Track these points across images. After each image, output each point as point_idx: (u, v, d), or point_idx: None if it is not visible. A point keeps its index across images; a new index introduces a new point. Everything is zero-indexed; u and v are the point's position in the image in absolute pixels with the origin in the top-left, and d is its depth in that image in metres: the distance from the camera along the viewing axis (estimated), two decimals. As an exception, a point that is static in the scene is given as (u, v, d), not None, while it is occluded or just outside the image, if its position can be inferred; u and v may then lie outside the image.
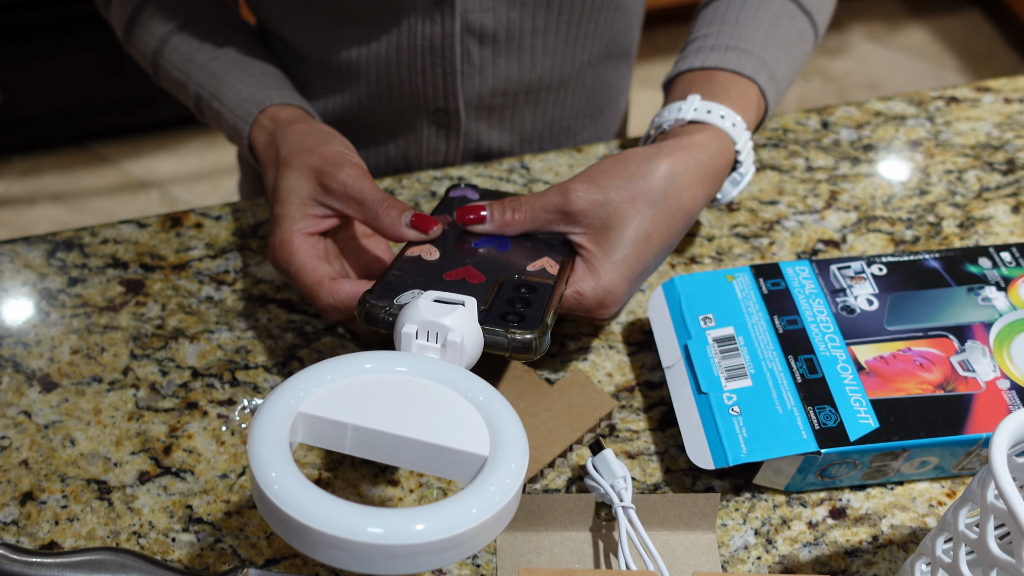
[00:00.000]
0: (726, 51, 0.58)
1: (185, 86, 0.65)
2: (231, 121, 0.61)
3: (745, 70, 0.57)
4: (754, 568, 0.48)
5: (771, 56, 0.59)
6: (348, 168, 0.51)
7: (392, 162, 0.75)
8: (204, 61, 0.64)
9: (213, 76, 0.63)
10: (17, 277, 0.62)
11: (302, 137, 0.55)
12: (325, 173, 0.51)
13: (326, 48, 0.68)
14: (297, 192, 0.52)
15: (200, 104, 0.65)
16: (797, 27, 0.62)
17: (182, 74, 0.65)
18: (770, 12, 0.61)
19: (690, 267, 0.62)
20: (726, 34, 0.60)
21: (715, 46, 0.59)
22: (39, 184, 1.87)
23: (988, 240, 0.64)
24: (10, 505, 0.51)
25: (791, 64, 0.61)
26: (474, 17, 0.64)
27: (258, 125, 0.60)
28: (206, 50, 0.64)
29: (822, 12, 0.64)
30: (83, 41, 1.74)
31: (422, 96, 0.69)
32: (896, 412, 0.49)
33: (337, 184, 0.51)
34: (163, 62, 0.66)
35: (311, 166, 0.52)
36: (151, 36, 0.66)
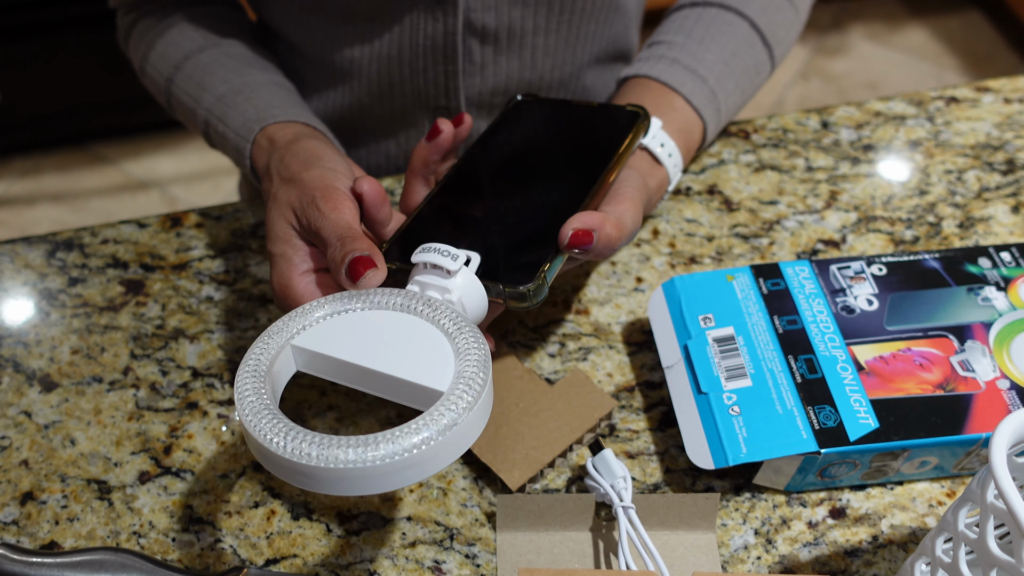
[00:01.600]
0: (685, 71, 0.61)
1: (194, 112, 0.63)
2: (234, 142, 0.60)
3: (695, 100, 0.60)
4: (754, 568, 0.48)
5: (723, 90, 0.62)
6: (319, 201, 0.48)
7: (393, 160, 0.75)
8: (214, 85, 0.62)
9: (221, 99, 0.62)
10: (17, 277, 0.62)
11: (288, 165, 0.53)
12: (299, 209, 0.50)
13: (327, 46, 0.68)
14: (279, 225, 0.50)
15: (208, 130, 0.63)
16: (755, 57, 0.64)
17: (192, 100, 0.63)
18: (733, 40, 0.63)
19: (690, 267, 0.62)
20: (690, 51, 0.62)
21: (677, 60, 0.62)
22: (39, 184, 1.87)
23: (988, 240, 0.64)
24: (10, 505, 0.51)
25: (739, 98, 0.64)
26: (476, 16, 0.64)
27: (257, 147, 0.58)
28: (218, 76, 0.63)
29: (783, 44, 0.67)
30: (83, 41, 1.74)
31: (423, 94, 0.69)
32: (896, 412, 0.49)
33: (305, 221, 0.49)
34: (175, 90, 0.65)
35: (290, 200, 0.51)
36: (165, 64, 0.65)
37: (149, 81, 0.67)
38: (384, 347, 0.42)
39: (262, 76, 0.64)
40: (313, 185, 0.50)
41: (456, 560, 0.49)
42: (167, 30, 0.66)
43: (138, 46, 0.67)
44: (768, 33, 0.65)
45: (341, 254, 0.46)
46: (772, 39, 0.65)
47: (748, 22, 0.64)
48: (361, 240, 0.46)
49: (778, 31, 0.65)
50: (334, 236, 0.47)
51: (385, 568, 0.48)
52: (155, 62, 0.66)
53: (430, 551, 0.49)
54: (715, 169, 0.69)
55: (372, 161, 0.76)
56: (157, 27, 0.66)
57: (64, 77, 1.79)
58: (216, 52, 0.65)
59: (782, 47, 0.66)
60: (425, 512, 0.50)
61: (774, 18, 0.65)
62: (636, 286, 0.61)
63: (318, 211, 0.48)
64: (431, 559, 0.49)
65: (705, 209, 0.66)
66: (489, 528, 0.50)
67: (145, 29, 0.67)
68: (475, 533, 0.50)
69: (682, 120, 0.60)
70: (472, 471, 0.52)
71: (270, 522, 0.50)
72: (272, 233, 0.51)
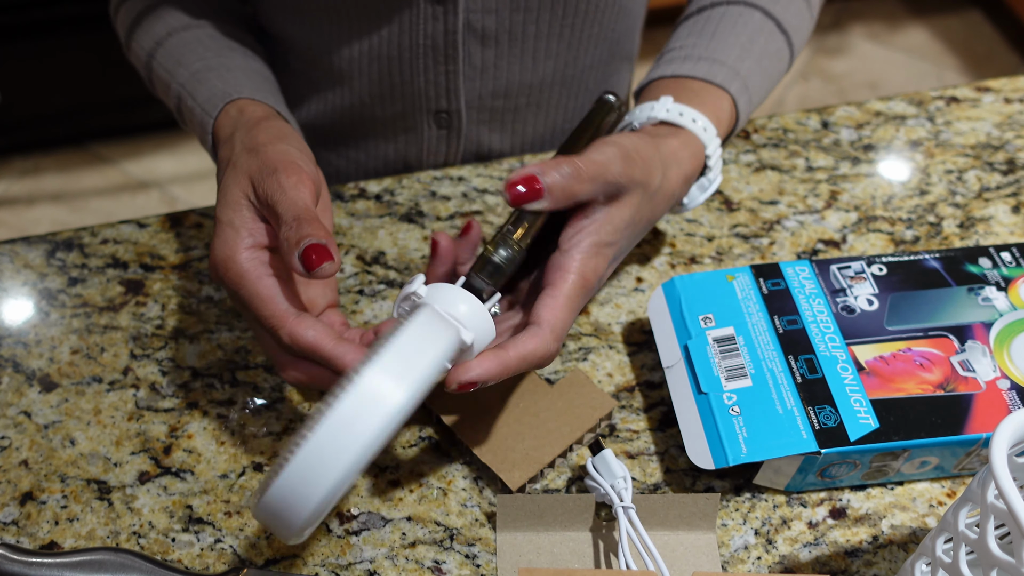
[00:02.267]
0: (699, 61, 0.58)
1: (169, 87, 0.62)
2: (199, 115, 0.57)
3: (717, 79, 0.57)
4: (754, 568, 0.48)
5: (745, 68, 0.59)
6: (280, 174, 0.46)
7: (392, 165, 0.75)
8: (190, 62, 0.61)
9: (194, 75, 0.60)
10: (17, 277, 0.62)
11: (255, 135, 0.51)
12: (257, 179, 0.47)
13: (327, 46, 0.67)
14: (232, 191, 0.47)
15: (180, 105, 0.61)
16: (774, 45, 0.62)
17: (168, 75, 0.62)
18: (747, 28, 0.61)
19: (690, 267, 0.62)
20: (701, 46, 0.59)
21: (688, 56, 0.59)
22: (39, 184, 1.87)
23: (988, 240, 0.64)
24: (10, 505, 0.51)
25: (764, 79, 0.61)
26: (476, 18, 0.64)
27: (224, 114, 0.55)
28: (196, 53, 0.62)
29: (799, 33, 0.64)
30: (83, 41, 1.74)
31: (423, 95, 0.69)
32: (896, 412, 0.49)
33: (261, 192, 0.46)
34: (155, 64, 0.64)
35: (249, 168, 0.48)
36: (149, 39, 0.64)
37: (133, 56, 0.67)
38: None
39: (241, 60, 0.62)
40: (276, 158, 0.47)
41: (456, 560, 0.49)
42: (157, 5, 0.65)
43: (125, 19, 0.67)
44: (783, 20, 0.62)
45: (296, 236, 0.43)
46: (788, 26, 0.63)
47: (760, 11, 0.62)
48: (317, 225, 0.44)
49: (792, 19, 0.63)
50: (290, 214, 0.44)
51: (385, 568, 0.48)
52: (139, 36, 0.65)
53: (430, 551, 0.49)
54: (715, 169, 0.69)
55: (370, 165, 0.76)
56: (146, 2, 0.66)
57: (64, 77, 1.79)
58: (199, 32, 0.64)
59: (799, 35, 0.64)
60: (425, 512, 0.50)
61: (788, 8, 0.63)
62: (636, 286, 0.61)
63: (277, 184, 0.46)
64: (431, 559, 0.49)
65: (705, 209, 0.66)
66: (489, 528, 0.50)
67: (133, 5, 0.66)
68: (475, 533, 0.50)
69: (703, 96, 0.56)
70: (472, 471, 0.52)
71: (270, 522, 0.50)
72: (224, 199, 0.48)
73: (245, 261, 0.46)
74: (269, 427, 0.54)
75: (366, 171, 0.76)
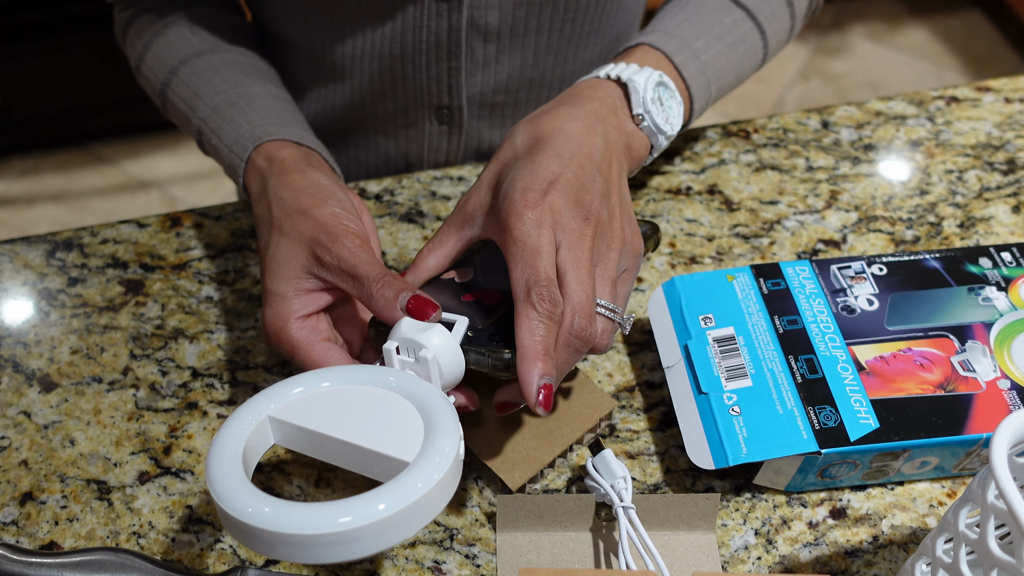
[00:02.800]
0: (649, 34, 0.59)
1: (189, 119, 0.63)
2: (227, 158, 0.59)
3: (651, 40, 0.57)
4: (754, 568, 0.48)
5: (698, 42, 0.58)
6: (344, 239, 0.47)
7: (393, 162, 0.75)
8: (209, 95, 0.61)
9: (216, 111, 0.60)
10: (17, 277, 0.62)
11: (295, 195, 0.51)
12: (319, 244, 0.47)
13: (328, 43, 0.67)
14: (289, 264, 0.48)
15: (202, 139, 0.62)
16: (741, 32, 0.61)
17: (187, 107, 0.62)
18: (715, 12, 0.61)
19: (690, 267, 0.62)
20: (660, 27, 0.60)
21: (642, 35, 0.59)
22: (39, 184, 1.87)
23: (988, 240, 0.64)
24: (10, 505, 0.51)
25: (725, 53, 0.60)
26: (480, 14, 0.64)
27: (252, 165, 0.57)
28: (213, 84, 0.62)
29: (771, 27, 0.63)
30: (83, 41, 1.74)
31: (425, 92, 0.69)
32: (896, 412, 0.49)
33: (331, 258, 0.47)
34: (170, 94, 0.64)
35: (304, 234, 0.48)
36: (162, 67, 0.64)
37: (144, 80, 0.67)
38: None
39: (259, 87, 0.62)
40: (333, 223, 0.48)
41: (456, 560, 0.49)
42: (164, 31, 0.65)
43: (135, 44, 0.67)
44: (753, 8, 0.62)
45: (394, 292, 0.45)
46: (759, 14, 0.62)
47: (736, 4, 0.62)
48: (404, 281, 0.46)
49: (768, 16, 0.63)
50: (377, 272, 0.46)
51: (385, 568, 0.48)
52: (151, 63, 0.65)
53: (430, 551, 0.49)
54: (715, 169, 0.69)
55: (371, 163, 0.76)
56: (154, 26, 0.66)
57: (64, 77, 1.79)
58: (212, 58, 0.64)
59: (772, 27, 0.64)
60: (425, 512, 0.50)
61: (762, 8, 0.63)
62: (636, 286, 0.61)
63: (346, 248, 0.47)
64: (431, 559, 0.49)
65: (705, 209, 0.66)
66: (489, 528, 0.50)
67: (142, 27, 0.67)
68: (475, 533, 0.50)
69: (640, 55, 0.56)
70: (472, 471, 0.52)
71: (270, 522, 0.50)
72: (276, 268, 0.49)
73: (296, 331, 0.48)
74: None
75: (367, 168, 0.76)
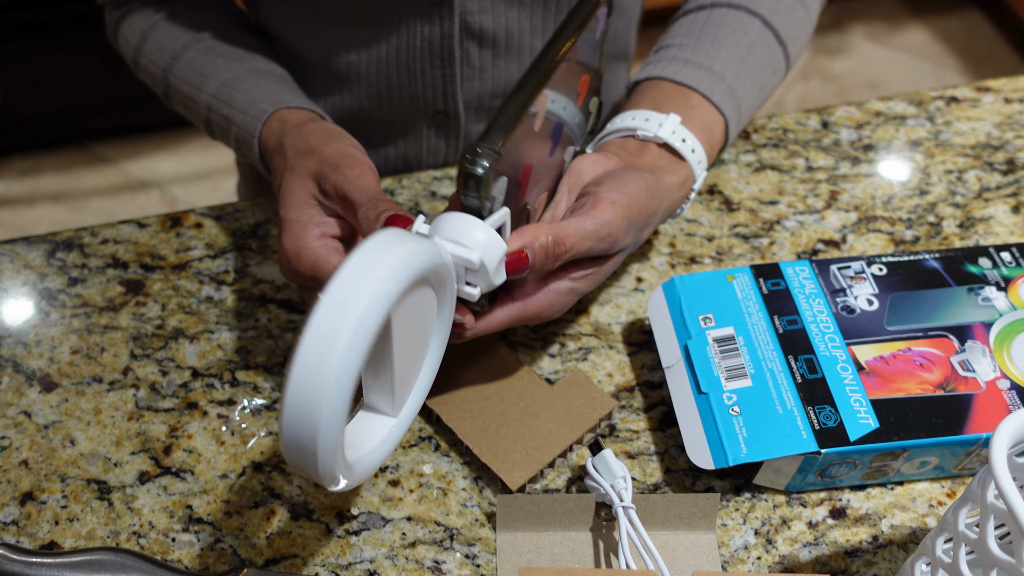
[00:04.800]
0: (699, 69, 0.59)
1: (195, 100, 0.63)
2: (241, 123, 0.59)
3: (714, 96, 0.58)
4: (754, 568, 0.48)
5: (741, 86, 0.59)
6: (344, 168, 0.49)
7: (392, 163, 0.75)
8: (217, 72, 0.62)
9: (226, 84, 0.61)
10: (17, 277, 0.62)
11: (306, 138, 0.53)
12: (322, 176, 0.49)
13: (325, 50, 0.67)
14: (298, 193, 0.50)
15: (210, 116, 0.62)
16: (771, 56, 0.62)
17: (193, 88, 0.63)
18: (747, 38, 0.61)
19: (690, 267, 0.62)
20: (702, 51, 0.59)
21: (689, 61, 0.59)
22: (39, 184, 1.87)
23: (988, 240, 0.64)
24: (10, 505, 0.51)
25: (757, 97, 0.61)
26: (473, 19, 0.64)
27: (268, 127, 0.58)
28: (220, 64, 0.62)
29: (796, 44, 0.64)
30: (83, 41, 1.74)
31: (421, 98, 0.69)
32: (896, 412, 0.49)
33: (330, 186, 0.49)
34: (173, 79, 0.64)
35: (310, 168, 0.51)
36: (163, 54, 0.65)
37: (144, 73, 0.67)
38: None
39: (266, 66, 0.64)
40: (335, 155, 0.50)
41: (456, 560, 0.49)
42: (161, 22, 0.66)
43: (130, 39, 0.67)
44: (782, 31, 0.62)
45: (375, 212, 0.46)
46: (786, 37, 0.63)
47: (760, 20, 0.62)
48: (392, 203, 0.47)
49: (791, 30, 0.63)
50: (364, 196, 0.47)
51: (385, 568, 0.48)
52: (150, 53, 0.65)
53: (430, 551, 0.49)
54: (715, 169, 0.69)
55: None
56: (150, 19, 0.66)
57: (64, 77, 1.79)
58: (215, 41, 0.64)
59: (796, 46, 0.64)
60: (425, 512, 0.50)
61: (787, 17, 0.63)
62: (636, 286, 0.61)
63: (343, 176, 0.48)
64: (431, 559, 0.49)
65: (705, 209, 0.66)
66: (489, 528, 0.50)
67: (135, 22, 0.67)
68: (475, 533, 0.50)
69: (702, 117, 0.57)
70: (472, 471, 0.52)
71: (270, 522, 0.50)
72: (287, 200, 0.50)
73: (316, 247, 0.48)
74: (269, 427, 0.54)
75: None
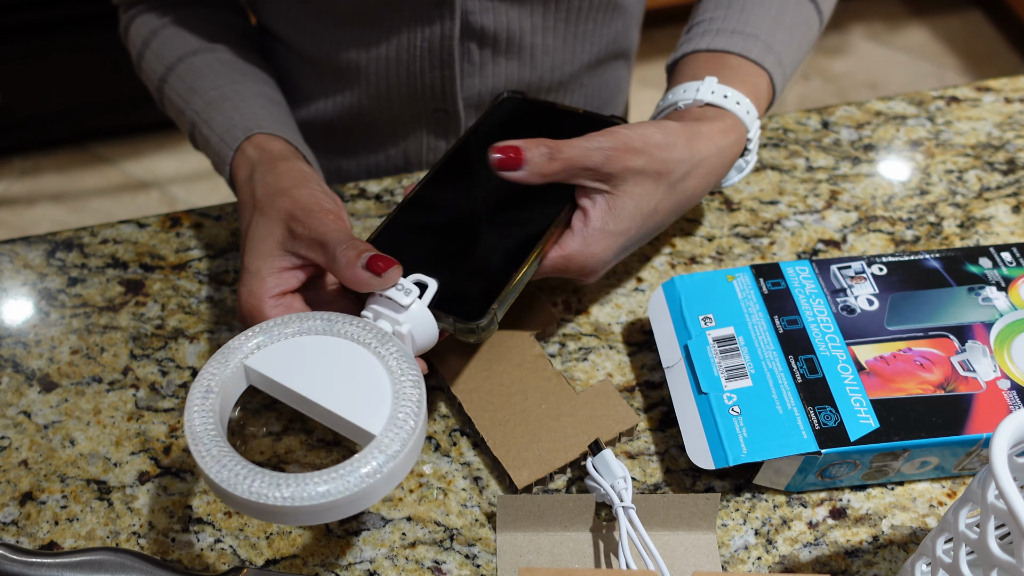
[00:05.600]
0: (732, 35, 0.58)
1: (183, 113, 0.63)
2: (216, 146, 0.59)
3: (752, 54, 0.57)
4: (754, 568, 0.48)
5: (778, 42, 0.58)
6: (318, 213, 0.48)
7: (392, 161, 0.75)
8: (205, 90, 0.62)
9: (209, 104, 0.61)
10: (17, 277, 0.62)
11: (277, 179, 0.52)
12: (294, 219, 0.49)
13: (326, 49, 0.67)
14: (266, 241, 0.49)
15: (194, 132, 0.62)
16: (803, 15, 0.61)
17: (182, 101, 0.63)
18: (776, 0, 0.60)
19: (690, 267, 0.62)
20: (732, 19, 0.59)
21: (721, 29, 0.58)
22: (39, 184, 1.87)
23: (988, 240, 0.64)
24: (10, 505, 0.51)
25: (796, 51, 0.60)
26: (474, 18, 0.64)
27: (241, 153, 0.57)
28: (209, 81, 0.62)
29: (827, 2, 0.64)
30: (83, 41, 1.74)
31: (421, 98, 0.69)
32: (896, 412, 0.49)
33: (303, 228, 0.48)
34: (167, 89, 0.64)
35: (281, 210, 0.50)
36: (160, 62, 0.65)
37: (144, 76, 0.67)
38: (329, 379, 0.43)
39: (254, 87, 0.62)
40: (309, 200, 0.50)
41: (456, 560, 0.49)
42: (163, 28, 0.66)
43: (135, 41, 0.67)
44: None
45: (356, 252, 0.46)
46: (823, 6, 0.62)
47: None
48: (368, 244, 0.47)
49: None
50: (342, 237, 0.47)
51: (385, 568, 0.48)
52: (150, 60, 0.66)
53: (430, 551, 0.49)
54: (715, 169, 0.69)
55: (371, 162, 0.76)
56: (155, 24, 0.66)
57: (63, 77, 1.79)
58: (210, 57, 0.64)
59: (827, 3, 0.63)
60: (425, 512, 0.50)
61: None
62: (636, 286, 0.61)
63: (317, 219, 0.48)
64: (431, 559, 0.49)
65: (705, 209, 0.66)
66: (489, 528, 0.50)
67: (143, 24, 0.67)
68: (475, 533, 0.50)
69: (743, 73, 0.56)
70: (472, 471, 0.52)
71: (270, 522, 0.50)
72: (253, 248, 0.50)
73: (270, 309, 0.48)
74: (269, 427, 0.54)
75: (367, 168, 0.76)
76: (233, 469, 0.40)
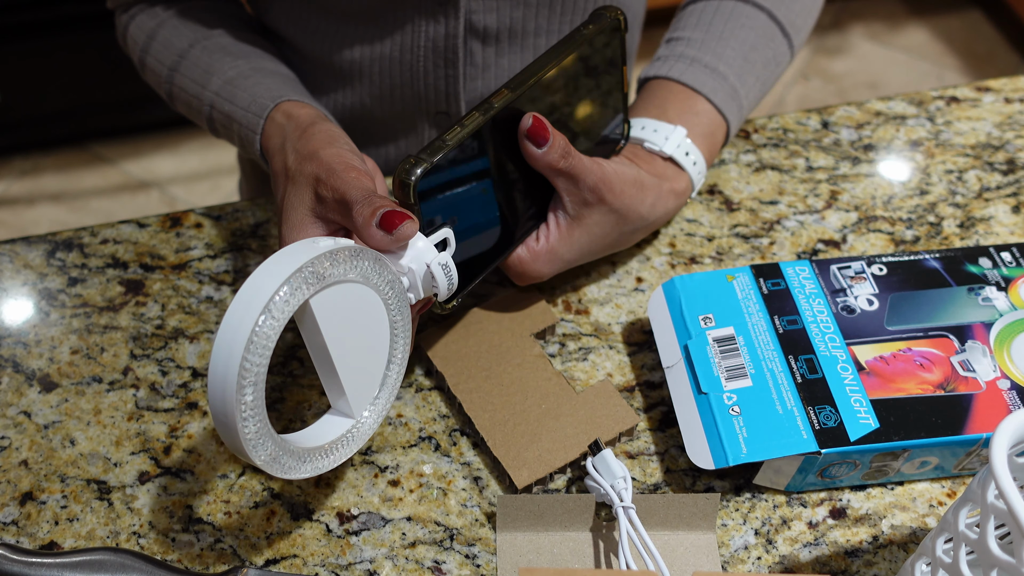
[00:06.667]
0: (706, 70, 0.61)
1: (200, 97, 0.62)
2: (243, 120, 0.59)
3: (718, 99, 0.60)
4: (754, 568, 0.48)
5: (746, 86, 0.62)
6: (341, 172, 0.48)
7: (393, 162, 0.75)
8: (223, 70, 0.62)
9: (230, 82, 0.61)
10: (17, 277, 0.62)
11: (308, 141, 0.52)
12: (320, 182, 0.49)
13: (328, 48, 0.67)
14: (297, 210, 0.49)
15: (213, 113, 0.62)
16: (774, 49, 0.64)
17: (198, 86, 0.62)
18: (752, 33, 0.63)
19: (690, 267, 0.62)
20: (709, 48, 0.62)
21: (696, 59, 0.61)
22: (39, 184, 1.87)
23: (988, 240, 0.64)
24: (10, 505, 0.51)
25: (760, 91, 0.64)
26: (478, 18, 0.64)
27: (271, 121, 0.57)
28: (226, 62, 0.62)
29: (801, 33, 0.66)
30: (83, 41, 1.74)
31: (423, 98, 0.69)
32: (896, 412, 0.49)
33: (327, 191, 0.48)
34: (179, 77, 0.64)
35: (308, 176, 0.50)
36: (169, 52, 0.64)
37: (150, 73, 0.67)
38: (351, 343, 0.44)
39: (271, 65, 0.63)
40: (334, 160, 0.49)
41: (456, 560, 0.49)
42: (169, 20, 0.66)
43: (137, 39, 0.67)
44: (787, 23, 0.64)
45: (371, 209, 0.45)
46: (791, 28, 0.65)
47: (766, 14, 0.63)
48: (387, 200, 0.46)
49: (796, 19, 0.65)
50: (361, 195, 0.46)
51: (385, 568, 0.48)
52: (157, 52, 0.65)
53: (430, 551, 0.49)
54: (715, 169, 0.69)
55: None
56: (158, 18, 0.66)
57: (63, 77, 1.79)
58: (223, 40, 0.64)
59: (801, 35, 0.66)
60: (425, 512, 0.50)
61: (792, 7, 0.64)
62: (636, 286, 0.61)
63: (340, 179, 0.47)
64: (431, 559, 0.49)
65: (705, 209, 0.66)
66: (489, 528, 0.50)
67: (144, 22, 0.67)
68: (475, 533, 0.50)
69: (706, 124, 0.60)
70: (472, 471, 0.52)
71: (270, 522, 0.50)
72: (287, 218, 0.50)
73: None
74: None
75: None
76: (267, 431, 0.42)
